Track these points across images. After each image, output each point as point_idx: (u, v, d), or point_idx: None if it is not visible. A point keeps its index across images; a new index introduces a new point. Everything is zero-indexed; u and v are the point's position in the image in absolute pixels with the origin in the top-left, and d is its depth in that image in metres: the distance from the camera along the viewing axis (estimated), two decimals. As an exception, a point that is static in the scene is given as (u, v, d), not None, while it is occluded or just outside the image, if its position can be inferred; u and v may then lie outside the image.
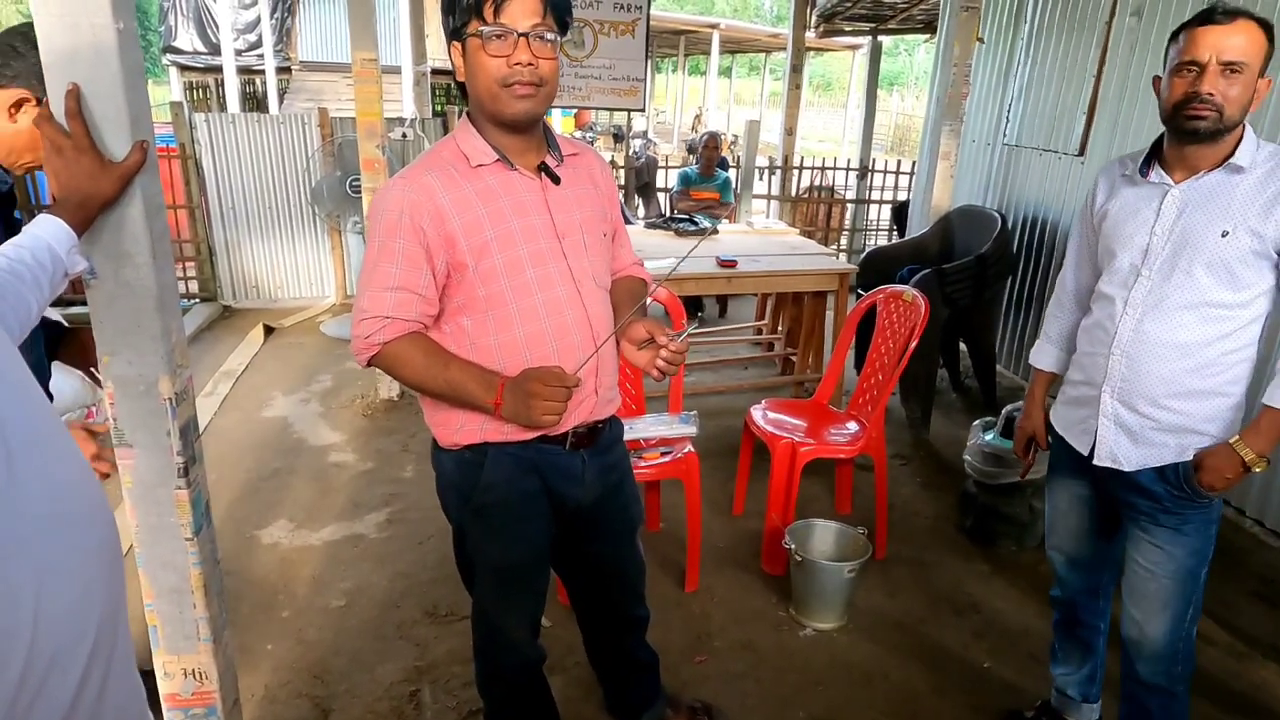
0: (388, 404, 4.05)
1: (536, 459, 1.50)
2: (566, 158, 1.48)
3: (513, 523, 1.55)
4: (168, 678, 1.54)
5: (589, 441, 1.55)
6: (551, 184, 1.44)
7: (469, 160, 1.38)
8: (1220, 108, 1.49)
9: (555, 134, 1.50)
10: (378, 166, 3.91)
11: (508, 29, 1.27)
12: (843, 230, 7.47)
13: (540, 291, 1.41)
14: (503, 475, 1.49)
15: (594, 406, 1.52)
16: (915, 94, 24.92)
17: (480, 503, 1.52)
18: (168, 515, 1.42)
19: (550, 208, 1.43)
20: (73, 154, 1.19)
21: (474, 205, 1.37)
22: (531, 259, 1.40)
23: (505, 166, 1.40)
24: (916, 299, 2.88)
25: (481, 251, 1.37)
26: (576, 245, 1.46)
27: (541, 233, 1.42)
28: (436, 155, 1.41)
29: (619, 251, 1.65)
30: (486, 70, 1.30)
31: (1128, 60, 3.84)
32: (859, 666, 2.36)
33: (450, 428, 1.49)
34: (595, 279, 1.49)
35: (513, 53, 1.28)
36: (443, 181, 1.36)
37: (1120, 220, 1.68)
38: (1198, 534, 1.67)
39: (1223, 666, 2.41)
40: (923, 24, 7.97)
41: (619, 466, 1.67)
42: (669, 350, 1.40)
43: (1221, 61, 1.48)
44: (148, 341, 1.31)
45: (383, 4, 10.97)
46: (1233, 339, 1.58)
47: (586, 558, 1.75)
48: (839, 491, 3.19)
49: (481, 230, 1.37)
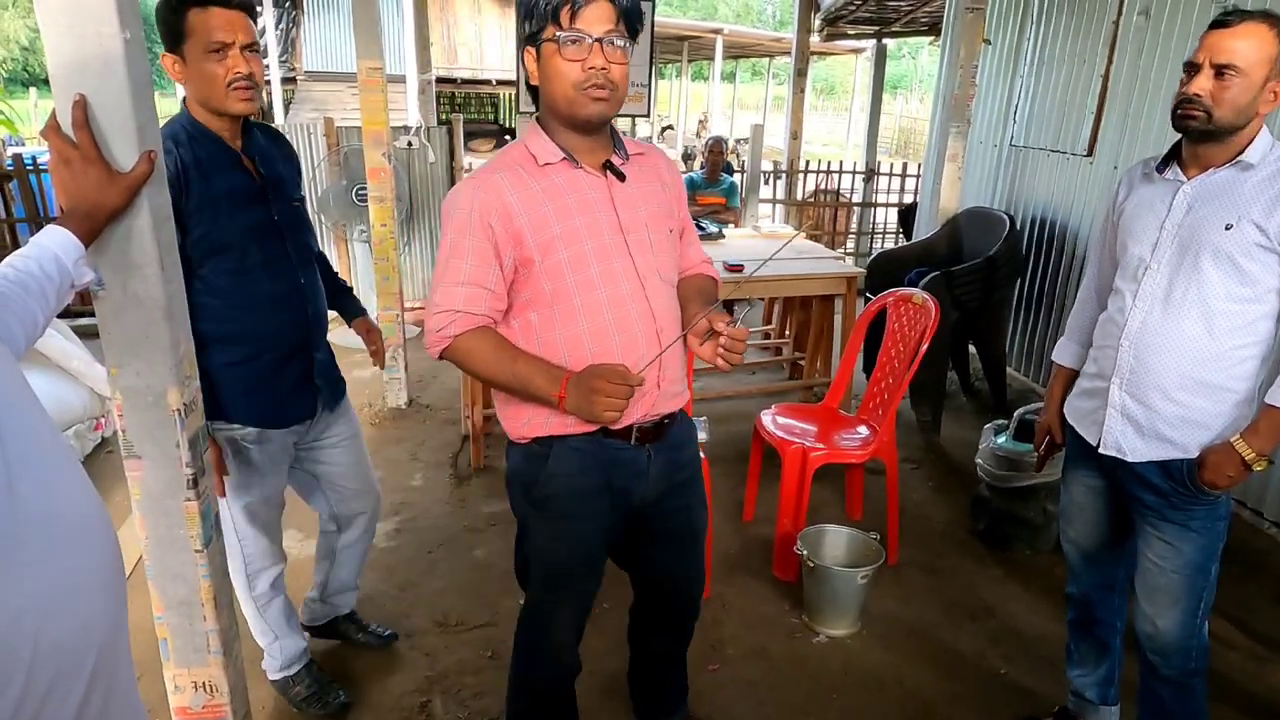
0: (396, 412, 4.05)
1: (601, 454, 1.52)
2: (632, 157, 1.52)
3: (570, 519, 1.57)
4: (178, 691, 1.53)
5: (655, 437, 1.56)
6: (617, 181, 1.47)
7: (536, 160, 1.43)
8: (1209, 109, 1.53)
9: (622, 135, 1.54)
10: (383, 175, 3.92)
11: (583, 34, 1.31)
12: (849, 233, 7.45)
13: (604, 287, 1.44)
14: (565, 468, 1.52)
15: (655, 400, 1.52)
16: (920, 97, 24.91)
17: (541, 495, 1.55)
18: (177, 527, 1.41)
19: (615, 204, 1.46)
20: (80, 165, 1.18)
21: (541, 202, 1.41)
22: (596, 254, 1.43)
23: (571, 165, 1.44)
24: (926, 301, 2.86)
25: (547, 248, 1.41)
26: (641, 241, 1.48)
27: (606, 229, 1.45)
28: (506, 156, 1.46)
29: (688, 250, 1.66)
30: (563, 74, 1.34)
31: (1135, 60, 3.82)
32: (873, 673, 2.34)
33: (519, 421, 1.52)
34: (660, 274, 1.51)
35: (587, 57, 1.32)
36: (510, 181, 1.41)
37: (1134, 216, 1.72)
38: (1205, 530, 1.68)
39: (1242, 670, 2.38)
40: (927, 26, 7.96)
41: (688, 466, 1.68)
42: (727, 337, 1.41)
43: (1215, 64, 1.52)
44: (156, 353, 1.31)
45: (387, 13, 11.01)
46: (1240, 334, 1.60)
47: (647, 560, 1.76)
48: (850, 496, 3.17)
49: (548, 227, 1.40)
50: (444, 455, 3.60)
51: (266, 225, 1.79)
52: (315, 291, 1.94)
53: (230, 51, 1.63)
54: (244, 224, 1.74)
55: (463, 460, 3.54)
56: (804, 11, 6.82)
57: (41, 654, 0.69)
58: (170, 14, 1.61)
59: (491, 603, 2.58)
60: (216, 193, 1.69)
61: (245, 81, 1.65)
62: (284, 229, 1.83)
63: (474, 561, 2.81)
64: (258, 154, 1.80)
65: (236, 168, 1.74)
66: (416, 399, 4.20)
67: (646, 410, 1.51)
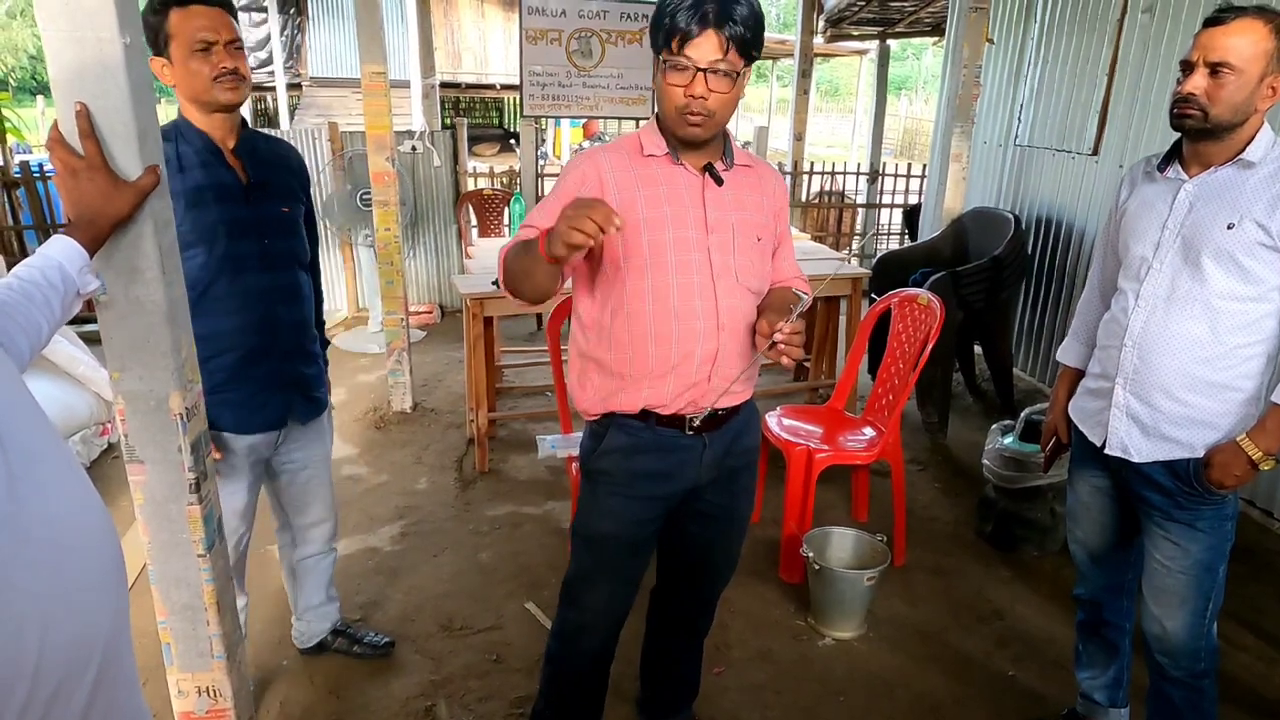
0: (400, 416, 4.05)
1: (655, 439, 1.59)
2: (738, 167, 1.58)
3: (616, 496, 1.63)
4: (181, 695, 1.53)
5: (711, 426, 1.62)
6: (713, 184, 1.53)
7: (643, 150, 1.53)
8: (1205, 108, 1.53)
9: (735, 146, 1.59)
10: (387, 180, 3.92)
11: (689, 64, 1.38)
12: (854, 235, 7.44)
13: (677, 275, 1.50)
14: (618, 445, 1.60)
15: (705, 393, 1.56)
16: (924, 98, 24.87)
17: (593, 468, 1.64)
18: (180, 531, 1.41)
19: (706, 203, 1.52)
20: (87, 174, 1.19)
21: (634, 187, 1.50)
22: (676, 244, 1.50)
23: (672, 160, 1.52)
24: (931, 302, 2.85)
25: (633, 229, 1.48)
26: (724, 242, 1.53)
27: (691, 223, 1.51)
28: (621, 141, 1.58)
29: (780, 265, 1.70)
30: (668, 94, 1.43)
31: (1140, 58, 3.80)
32: (880, 676, 2.32)
33: (583, 398, 1.64)
34: (737, 275, 1.55)
35: (690, 84, 1.39)
36: (613, 162, 1.52)
37: (1137, 215, 1.71)
38: (1213, 530, 1.67)
39: (1252, 671, 2.36)
40: (930, 26, 7.94)
41: (743, 456, 1.72)
42: (782, 334, 1.44)
43: (1208, 62, 1.51)
44: (158, 357, 1.31)
45: (391, 19, 11.03)
46: (1244, 333, 1.59)
47: (680, 533, 1.78)
48: (856, 498, 3.15)
49: (635, 209, 1.48)
50: (449, 459, 3.60)
51: (242, 223, 1.79)
52: (291, 296, 1.93)
53: (215, 49, 1.67)
54: (215, 219, 1.75)
55: (467, 464, 3.54)
56: (807, 13, 6.82)
57: (46, 659, 0.69)
58: (153, 17, 1.64)
59: (496, 606, 2.58)
60: (190, 186, 1.71)
61: (231, 76, 1.69)
62: (262, 230, 1.83)
63: (479, 565, 2.81)
64: (249, 156, 1.81)
65: (219, 164, 1.76)
66: (421, 403, 4.20)
67: (696, 399, 1.57)
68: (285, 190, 1.91)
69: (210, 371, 1.77)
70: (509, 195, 5.58)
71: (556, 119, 12.76)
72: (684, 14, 1.36)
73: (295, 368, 1.96)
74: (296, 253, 1.94)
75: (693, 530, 1.75)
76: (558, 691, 1.86)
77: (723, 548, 1.82)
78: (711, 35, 1.36)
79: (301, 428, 2.02)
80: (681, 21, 1.36)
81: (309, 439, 2.07)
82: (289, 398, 1.95)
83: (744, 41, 1.39)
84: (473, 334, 3.41)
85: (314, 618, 2.30)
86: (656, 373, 1.54)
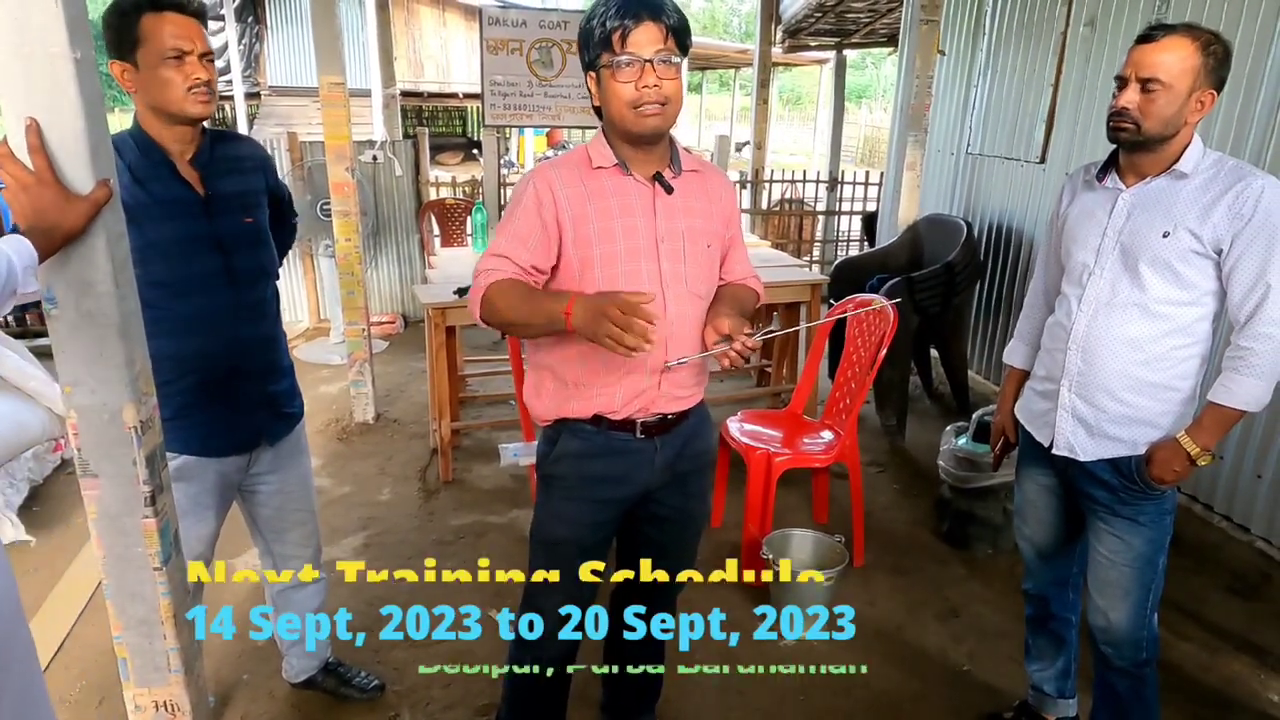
0: (363, 427, 4.02)
1: (606, 443, 1.62)
2: (686, 172, 1.61)
3: (570, 500, 1.67)
4: (139, 711, 1.52)
5: (661, 430, 1.65)
6: (663, 192, 1.56)
7: (591, 162, 1.55)
8: (1138, 121, 1.60)
9: (682, 151, 1.62)
10: (348, 190, 3.90)
11: (635, 57, 1.42)
12: (814, 242, 7.54)
13: (627, 284, 1.52)
14: (571, 449, 1.63)
15: (655, 399, 1.61)
16: (883, 106, 25.23)
17: (547, 473, 1.68)
18: (135, 545, 1.40)
19: (656, 213, 1.56)
20: (37, 189, 1.19)
21: (585, 201, 1.52)
22: (627, 255, 1.53)
23: (622, 172, 1.55)
24: (885, 307, 2.91)
25: (584, 242, 1.52)
26: (674, 250, 1.57)
27: (641, 233, 1.55)
28: (568, 156, 1.59)
29: (734, 266, 1.74)
30: (619, 95, 1.45)
31: (1083, 69, 3.93)
32: (840, 675, 2.36)
33: (538, 407, 1.66)
34: (686, 283, 1.58)
35: (640, 77, 1.43)
36: (564, 177, 1.54)
37: (1077, 223, 1.77)
38: (1153, 524, 1.74)
39: (1195, 661, 2.45)
40: (886, 38, 8.11)
41: (695, 459, 1.75)
42: (739, 345, 1.49)
43: (1140, 78, 1.59)
44: (111, 370, 1.30)
45: (352, 28, 10.98)
46: (1180, 335, 1.66)
47: (641, 539, 1.80)
48: (816, 501, 3.20)
49: (587, 223, 1.52)
50: (412, 469, 3.59)
51: (202, 239, 1.73)
52: (258, 313, 1.86)
53: (189, 59, 1.61)
54: (173, 236, 1.68)
55: (431, 474, 3.53)
56: (765, 23, 6.92)
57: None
58: (120, 20, 1.58)
59: (459, 615, 2.57)
60: (142, 201, 1.63)
61: (204, 88, 1.63)
62: (225, 245, 1.76)
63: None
64: (207, 168, 1.74)
65: (174, 179, 1.69)
66: (384, 413, 4.18)
67: (645, 404, 1.60)
68: (246, 199, 1.83)
69: (174, 394, 1.70)
70: (471, 204, 5.57)
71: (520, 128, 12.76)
72: (617, 14, 1.41)
73: (264, 388, 1.88)
74: (264, 265, 1.87)
75: (648, 533, 1.78)
76: (520, 698, 1.88)
77: (678, 550, 1.84)
78: (650, 26, 1.41)
79: (273, 449, 1.94)
80: (619, 19, 1.41)
81: (281, 461, 1.98)
82: (258, 419, 1.88)
83: (679, 30, 1.45)
84: (435, 343, 3.41)
85: (298, 654, 2.22)
86: (608, 380, 1.57)
